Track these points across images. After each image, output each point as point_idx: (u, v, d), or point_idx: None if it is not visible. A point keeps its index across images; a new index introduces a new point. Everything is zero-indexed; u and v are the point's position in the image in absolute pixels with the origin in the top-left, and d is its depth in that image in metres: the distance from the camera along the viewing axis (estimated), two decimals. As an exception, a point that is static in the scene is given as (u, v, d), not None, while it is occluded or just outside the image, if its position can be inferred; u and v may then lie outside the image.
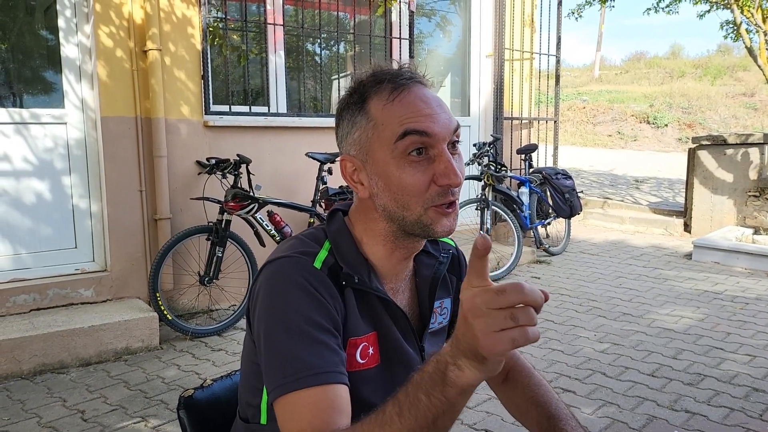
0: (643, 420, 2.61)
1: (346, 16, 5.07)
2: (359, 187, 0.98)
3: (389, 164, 0.93)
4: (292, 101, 4.70)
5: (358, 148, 0.97)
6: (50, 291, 3.54)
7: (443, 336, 1.15)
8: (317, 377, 0.84)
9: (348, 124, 0.98)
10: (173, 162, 3.93)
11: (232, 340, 3.63)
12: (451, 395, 0.68)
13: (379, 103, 0.94)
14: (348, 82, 1.05)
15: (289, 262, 0.94)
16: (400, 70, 0.97)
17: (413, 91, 0.94)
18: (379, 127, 0.94)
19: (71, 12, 3.67)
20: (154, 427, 2.59)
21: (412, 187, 0.92)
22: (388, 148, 0.92)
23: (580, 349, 3.44)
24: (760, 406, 2.71)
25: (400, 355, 1.02)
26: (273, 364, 0.87)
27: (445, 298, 1.13)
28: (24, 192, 3.62)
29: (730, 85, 19.56)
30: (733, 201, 6.33)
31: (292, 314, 0.88)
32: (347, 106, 0.98)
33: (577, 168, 11.70)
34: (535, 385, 1.14)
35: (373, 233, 1.00)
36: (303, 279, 0.91)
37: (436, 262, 1.10)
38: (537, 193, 5.69)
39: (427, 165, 0.92)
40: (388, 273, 1.03)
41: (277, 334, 0.88)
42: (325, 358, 0.87)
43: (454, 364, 0.67)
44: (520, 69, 6.16)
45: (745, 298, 4.40)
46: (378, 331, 1.00)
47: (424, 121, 0.91)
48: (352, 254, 0.99)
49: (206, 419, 1.12)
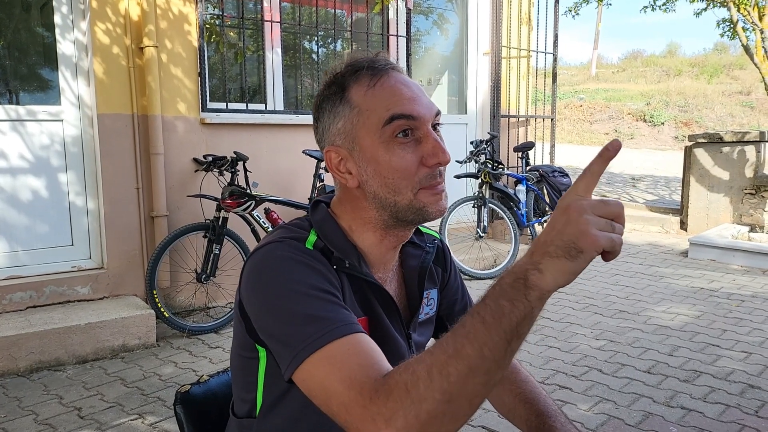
0: (639, 416, 2.62)
1: (343, 13, 5.07)
2: (347, 176, 0.97)
3: (378, 149, 0.93)
4: (289, 99, 4.69)
5: (343, 138, 0.96)
6: (47, 288, 3.54)
7: (431, 326, 1.14)
8: (345, 327, 0.81)
9: (329, 116, 0.98)
10: (170, 159, 3.92)
11: (229, 338, 3.63)
12: (533, 298, 0.68)
13: (360, 90, 0.94)
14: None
15: (280, 245, 0.92)
16: (376, 57, 0.97)
17: (393, 76, 0.95)
18: (364, 113, 0.93)
19: (67, 8, 3.66)
20: (150, 423, 2.59)
21: (402, 169, 0.92)
22: (375, 133, 0.92)
23: (576, 346, 3.45)
24: (755, 403, 2.72)
25: (389, 342, 1.01)
26: (288, 332, 0.82)
27: (432, 288, 1.13)
28: (20, 189, 3.61)
29: (727, 84, 19.63)
30: (730, 199, 6.35)
31: (294, 283, 0.85)
32: (326, 98, 0.98)
33: (574, 166, 11.71)
34: (522, 381, 1.13)
35: (362, 221, 0.99)
36: (298, 254, 0.90)
37: (422, 252, 1.10)
38: (534, 191, 5.70)
39: (414, 146, 0.93)
40: (377, 261, 1.02)
41: (285, 304, 0.84)
42: (342, 313, 0.84)
43: (536, 269, 0.68)
44: (517, 67, 6.16)
45: (740, 296, 4.41)
46: (369, 317, 0.99)
47: (408, 104, 0.92)
48: (340, 240, 0.97)
49: (202, 414, 1.13)
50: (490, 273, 4.93)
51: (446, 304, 1.18)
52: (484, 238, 5.32)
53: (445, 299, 1.18)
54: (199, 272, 3.75)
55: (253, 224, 3.87)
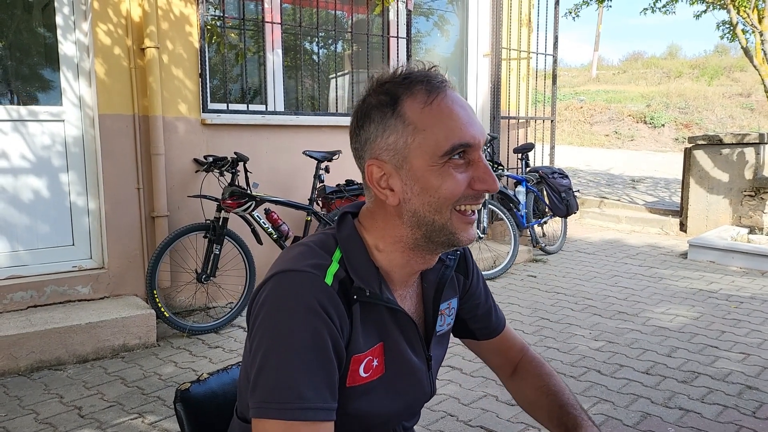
0: (637, 417, 2.63)
1: (344, 14, 5.08)
2: (388, 193, 0.93)
3: (430, 171, 0.90)
4: (289, 100, 4.71)
5: (392, 154, 0.92)
6: (47, 288, 3.55)
7: (448, 337, 1.15)
8: (303, 412, 0.82)
9: (379, 127, 0.92)
10: (171, 160, 3.94)
11: (229, 338, 3.64)
12: None
13: (416, 106, 0.90)
14: (346, 81, 1.04)
15: (300, 277, 0.89)
16: (430, 71, 0.94)
17: (449, 95, 0.92)
18: (421, 133, 0.90)
19: (69, 9, 3.68)
20: (151, 423, 2.60)
21: (453, 190, 0.90)
22: (431, 157, 0.89)
23: (575, 347, 3.46)
24: (753, 404, 2.73)
25: (406, 365, 1.01)
26: (264, 380, 0.84)
27: (453, 298, 1.12)
28: (21, 189, 3.62)
29: (727, 86, 19.62)
30: (729, 200, 6.36)
31: (296, 336, 0.85)
32: (375, 107, 0.93)
33: (574, 167, 11.72)
34: (547, 375, 1.15)
35: (391, 239, 0.96)
36: (313, 298, 0.87)
37: (442, 266, 1.08)
38: (534, 192, 5.71)
39: (465, 168, 0.91)
40: (399, 281, 1.00)
41: (277, 353, 0.84)
42: (319, 390, 0.84)
43: None
44: (518, 68, 6.17)
45: (739, 297, 4.42)
46: (384, 342, 0.98)
47: (468, 131, 0.90)
48: (363, 264, 0.95)
49: (202, 412, 1.14)
50: (489, 274, 4.95)
51: (467, 308, 1.18)
52: (484, 239, 5.34)
53: (466, 304, 1.17)
54: (200, 272, 3.77)
55: (253, 225, 3.89)
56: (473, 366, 3.18)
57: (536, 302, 4.34)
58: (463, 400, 2.80)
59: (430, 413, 2.66)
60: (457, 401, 2.79)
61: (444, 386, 2.93)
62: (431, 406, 2.72)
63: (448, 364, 3.18)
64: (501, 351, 1.22)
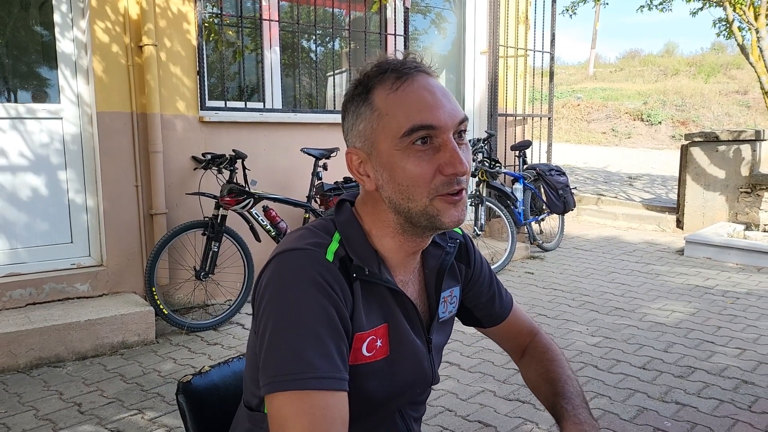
0: (634, 411, 2.65)
1: (342, 12, 5.09)
2: (365, 179, 0.97)
3: (393, 156, 0.91)
4: (287, 97, 4.71)
5: (363, 140, 0.95)
6: (46, 285, 3.56)
7: (451, 324, 1.16)
8: (318, 381, 0.83)
9: (353, 116, 0.96)
10: (169, 157, 3.94)
11: (227, 335, 3.65)
12: None
13: (383, 93, 0.93)
14: (344, 79, 1.06)
15: (302, 254, 0.91)
16: (405, 59, 0.95)
17: (417, 80, 0.93)
18: (384, 118, 0.92)
19: (67, 7, 3.68)
20: (150, 419, 2.61)
21: (416, 177, 0.90)
22: (393, 140, 0.91)
23: (572, 343, 3.48)
24: (749, 398, 2.76)
25: (409, 347, 1.02)
26: (274, 357, 0.85)
27: (455, 286, 1.14)
28: (20, 187, 3.62)
29: (724, 83, 19.67)
30: (725, 197, 6.38)
31: (303, 310, 0.86)
32: (352, 98, 0.97)
33: (571, 165, 11.75)
34: (548, 361, 1.16)
35: (382, 224, 0.99)
36: (316, 273, 0.89)
37: (442, 252, 1.09)
38: (531, 190, 5.73)
39: (432, 154, 0.91)
40: (398, 265, 1.02)
41: (285, 329, 0.86)
42: (331, 359, 0.85)
43: None
44: (515, 66, 6.19)
45: (735, 293, 4.45)
46: (389, 323, 0.99)
47: (429, 113, 0.90)
48: (361, 246, 0.97)
49: (204, 404, 1.15)
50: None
51: (470, 297, 1.19)
52: (482, 236, 5.35)
53: (469, 293, 1.19)
54: (198, 270, 3.78)
55: (251, 222, 3.89)
56: (471, 362, 3.19)
57: (534, 299, 4.36)
58: (462, 395, 2.82)
59: (428, 408, 2.67)
60: (455, 396, 2.80)
61: (442, 382, 2.95)
62: (429, 402, 2.74)
63: (446, 360, 3.20)
64: (509, 336, 1.25)
